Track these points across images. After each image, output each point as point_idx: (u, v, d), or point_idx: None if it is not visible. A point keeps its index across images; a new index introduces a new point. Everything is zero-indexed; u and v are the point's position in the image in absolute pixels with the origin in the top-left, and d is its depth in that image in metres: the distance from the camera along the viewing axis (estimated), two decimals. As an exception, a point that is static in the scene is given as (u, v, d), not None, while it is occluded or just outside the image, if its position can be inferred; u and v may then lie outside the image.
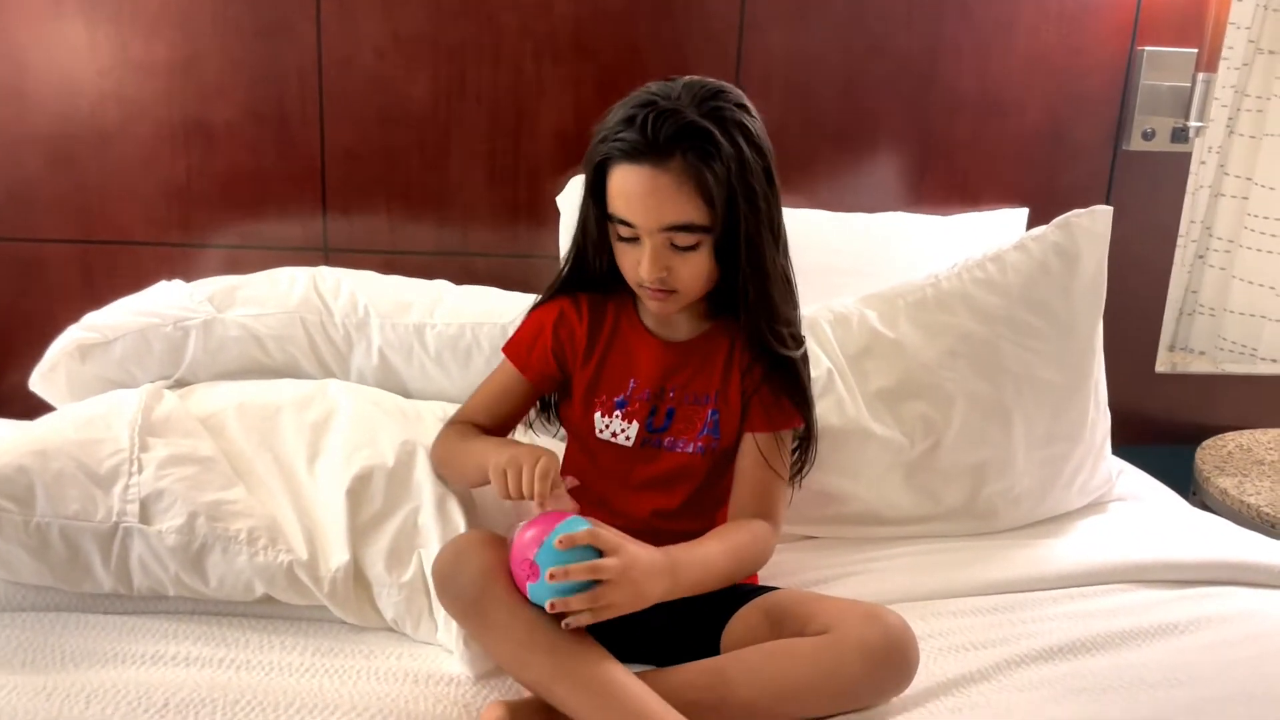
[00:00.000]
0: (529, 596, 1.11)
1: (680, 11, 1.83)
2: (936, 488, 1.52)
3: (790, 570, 1.41)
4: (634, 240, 1.21)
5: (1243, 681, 1.20)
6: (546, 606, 1.08)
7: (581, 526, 1.11)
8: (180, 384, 1.55)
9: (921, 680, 1.17)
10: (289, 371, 1.58)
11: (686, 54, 1.84)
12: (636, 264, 1.22)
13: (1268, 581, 1.43)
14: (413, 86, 1.83)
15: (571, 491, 1.19)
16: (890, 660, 1.13)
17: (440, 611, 1.25)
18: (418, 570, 1.30)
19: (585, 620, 1.09)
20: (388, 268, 1.78)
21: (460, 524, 1.32)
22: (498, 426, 1.38)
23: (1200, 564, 1.44)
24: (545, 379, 1.36)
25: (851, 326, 1.56)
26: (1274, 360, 2.36)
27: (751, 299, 1.23)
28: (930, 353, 1.52)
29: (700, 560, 1.19)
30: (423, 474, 1.37)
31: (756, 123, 1.21)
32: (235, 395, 1.48)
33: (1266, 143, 2.34)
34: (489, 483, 1.23)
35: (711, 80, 1.21)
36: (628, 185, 1.18)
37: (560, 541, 1.08)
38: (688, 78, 1.20)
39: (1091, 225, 1.56)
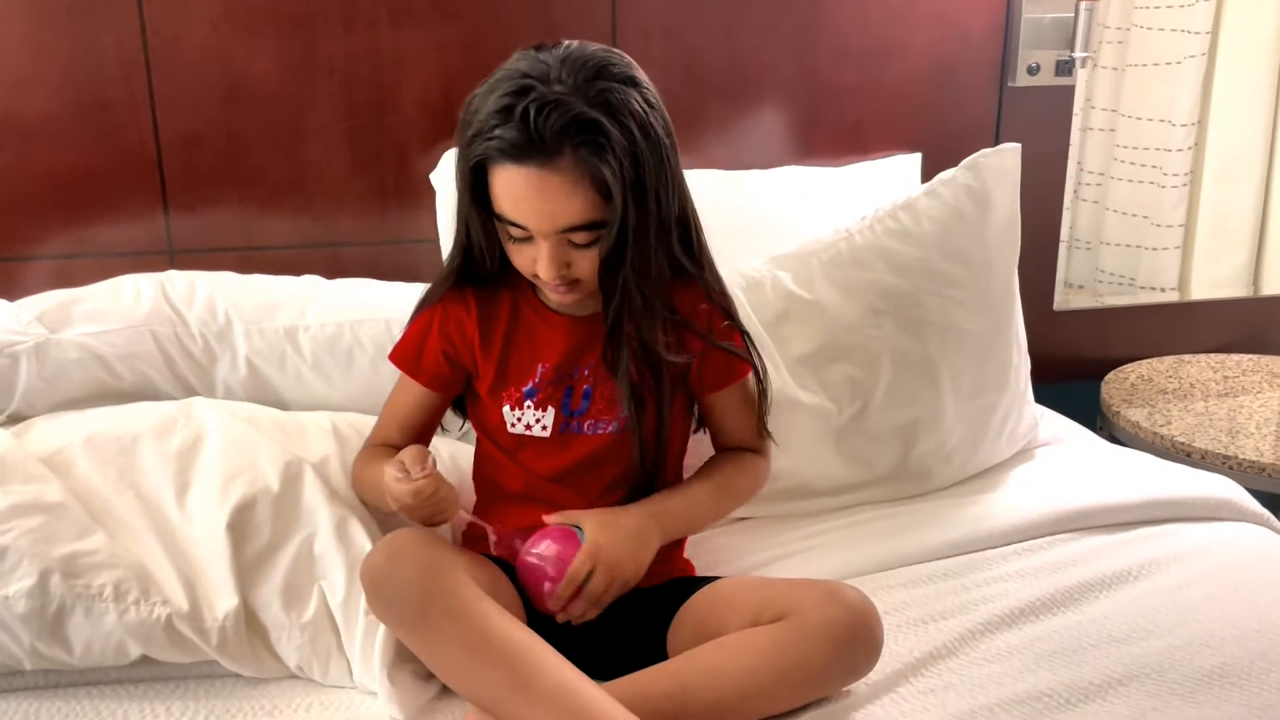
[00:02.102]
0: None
1: (546, -36, 1.69)
2: (868, 452, 1.45)
3: (728, 557, 1.32)
4: (527, 240, 1.09)
5: (1207, 625, 1.17)
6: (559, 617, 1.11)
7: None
8: (14, 420, 1.35)
9: (886, 661, 1.10)
10: (143, 393, 1.39)
11: (556, 11, 1.70)
12: (532, 262, 1.10)
13: (1204, 515, 1.42)
14: (255, 62, 1.63)
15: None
16: (856, 639, 1.06)
17: (356, 649, 1.11)
18: (320, 606, 1.15)
19: (591, 612, 1.11)
20: (245, 266, 1.59)
21: (367, 547, 1.18)
22: (416, 440, 1.24)
23: (1138, 504, 1.41)
24: (444, 382, 1.25)
25: (765, 290, 1.46)
26: (1153, 289, 2.39)
27: (633, 301, 1.12)
28: (851, 312, 1.44)
29: (681, 505, 1.20)
30: (314, 495, 1.22)
31: (649, 94, 1.08)
32: (82, 427, 1.28)
33: (1129, 73, 2.36)
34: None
35: (592, 49, 1.07)
36: (514, 188, 1.05)
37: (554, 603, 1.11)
38: (564, 50, 1.06)
39: (1000, 164, 1.51)
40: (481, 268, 1.19)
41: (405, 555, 1.03)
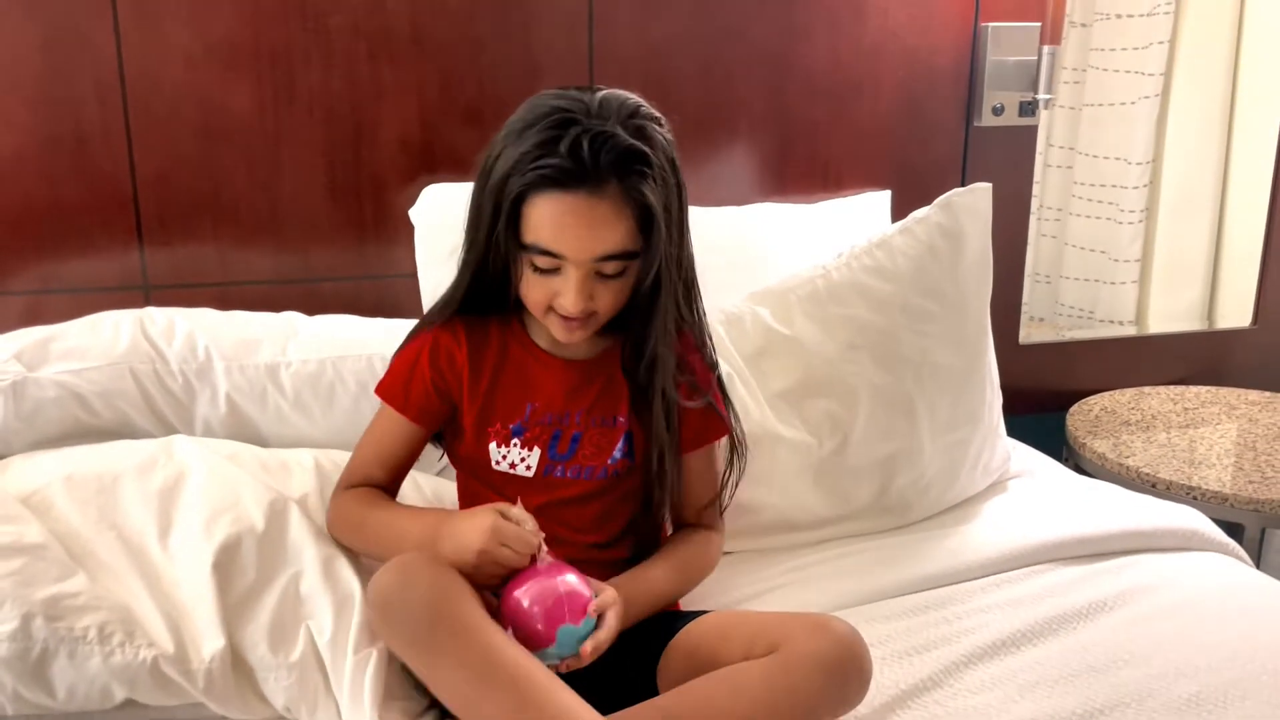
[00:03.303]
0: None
1: (525, 3, 1.71)
2: (847, 486, 1.47)
3: (712, 592, 1.32)
4: (553, 271, 1.11)
5: (1182, 654, 1.20)
6: (561, 667, 1.07)
7: (583, 591, 1.09)
8: (-11, 459, 1.33)
9: (874, 694, 1.11)
10: (123, 432, 1.38)
11: (535, 48, 1.72)
12: (552, 294, 1.12)
13: (1172, 545, 1.45)
14: (233, 97, 1.63)
15: None
16: (846, 671, 1.06)
17: (344, 689, 1.10)
18: (308, 646, 1.14)
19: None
20: (222, 302, 1.59)
21: (354, 585, 1.17)
22: (394, 477, 1.26)
23: (1110, 535, 1.44)
24: (430, 416, 1.24)
25: (745, 326, 1.48)
26: (1111, 322, 2.45)
27: (666, 334, 1.16)
28: (830, 347, 1.46)
29: (645, 589, 1.18)
30: (299, 534, 1.21)
31: (668, 132, 1.14)
32: (61, 466, 1.27)
33: (1086, 113, 2.43)
34: None
35: (621, 92, 1.12)
36: (558, 215, 1.07)
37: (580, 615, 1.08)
38: (594, 90, 1.10)
39: (973, 203, 1.54)
40: (487, 298, 1.19)
41: (416, 576, 1.03)
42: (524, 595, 1.07)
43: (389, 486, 1.26)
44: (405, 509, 1.24)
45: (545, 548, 1.10)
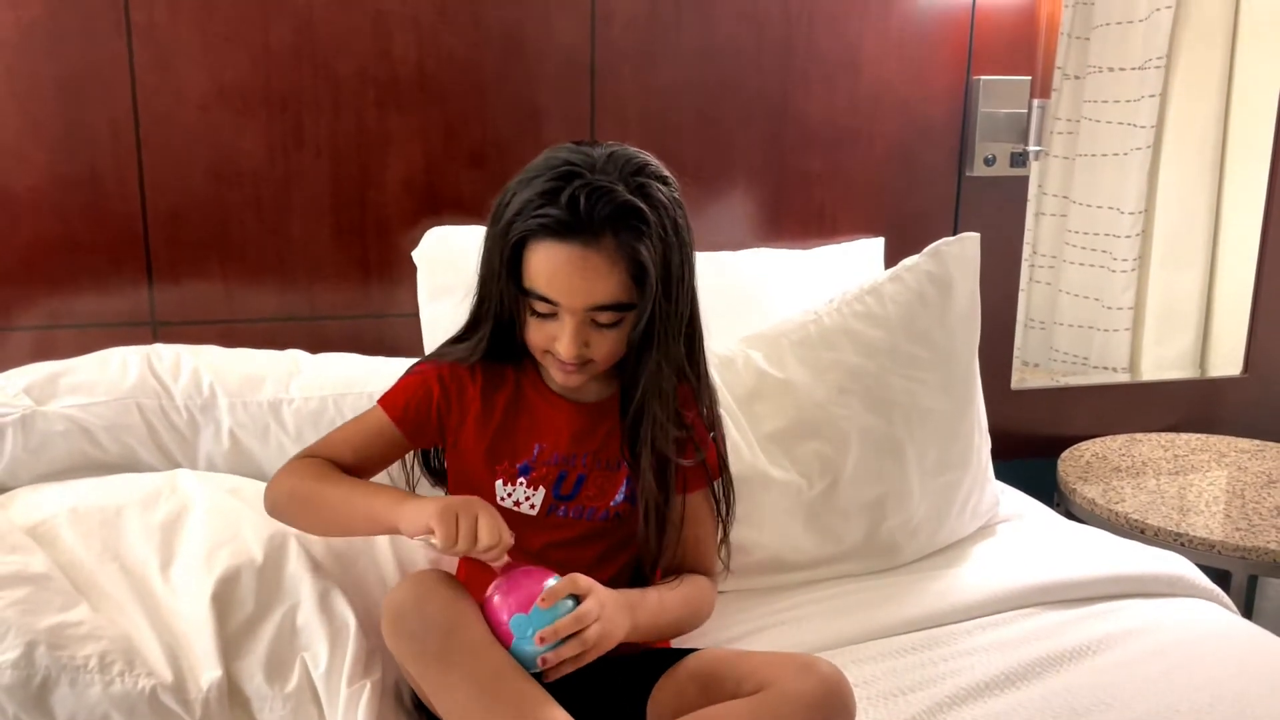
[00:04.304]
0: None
1: (529, 53, 1.76)
2: (837, 527, 1.49)
3: (704, 630, 1.33)
4: (550, 316, 1.14)
5: (1164, 698, 1.21)
6: (538, 663, 1.05)
7: (532, 584, 1.09)
8: (-3, 490, 1.36)
9: (858, 735, 1.12)
10: (127, 465, 1.41)
11: (539, 96, 1.77)
12: (550, 339, 1.16)
13: (1158, 591, 1.47)
14: (244, 140, 1.68)
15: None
16: (830, 712, 1.08)
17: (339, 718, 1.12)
18: (303, 678, 1.16)
19: (570, 668, 1.07)
20: (228, 339, 1.62)
21: (349, 618, 1.20)
22: (361, 469, 1.25)
23: (1096, 580, 1.46)
24: (421, 433, 1.26)
25: (738, 369, 1.51)
26: (1105, 368, 2.48)
27: (660, 388, 1.18)
28: (820, 391, 1.50)
29: (655, 602, 1.19)
30: (297, 567, 1.24)
31: (678, 195, 1.17)
32: (67, 498, 1.30)
33: (1080, 162, 2.47)
34: (362, 534, 1.25)
35: (631, 149, 1.15)
36: (553, 264, 1.11)
37: (544, 600, 1.06)
38: (606, 146, 1.14)
39: (961, 252, 1.58)
40: (497, 340, 1.22)
41: (432, 591, 1.06)
42: (489, 593, 1.09)
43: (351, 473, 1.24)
44: (369, 484, 1.22)
45: (504, 557, 1.10)
